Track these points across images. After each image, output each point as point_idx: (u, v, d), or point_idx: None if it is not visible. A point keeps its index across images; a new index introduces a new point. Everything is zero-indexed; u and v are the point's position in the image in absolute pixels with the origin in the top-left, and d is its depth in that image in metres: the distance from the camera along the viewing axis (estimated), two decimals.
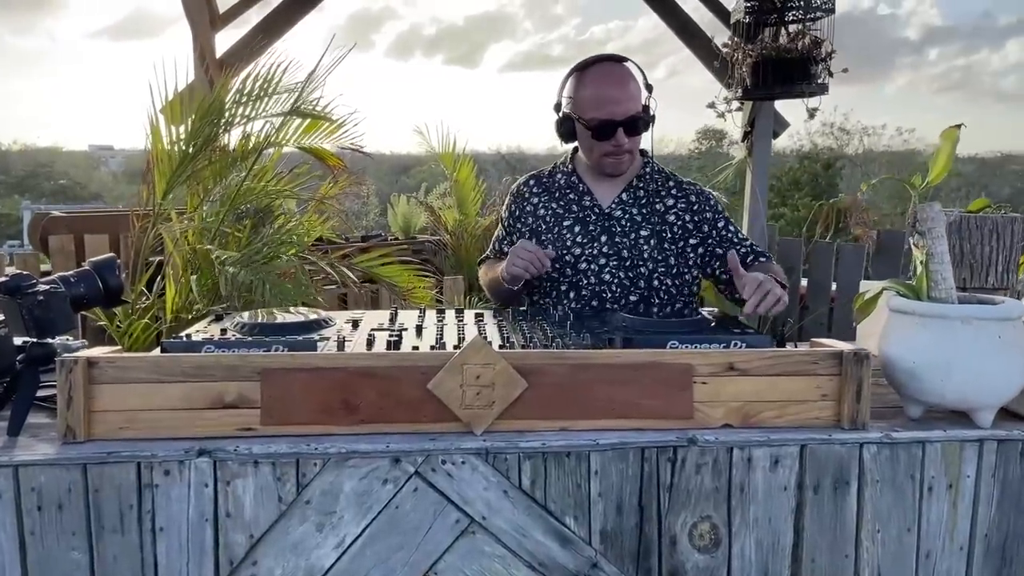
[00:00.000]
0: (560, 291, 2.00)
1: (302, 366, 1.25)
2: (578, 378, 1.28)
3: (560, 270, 1.99)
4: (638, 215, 2.01)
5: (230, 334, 1.52)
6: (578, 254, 1.98)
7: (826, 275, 3.56)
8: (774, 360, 1.31)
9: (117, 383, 1.24)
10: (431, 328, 1.60)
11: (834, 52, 3.13)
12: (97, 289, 1.36)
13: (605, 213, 2.02)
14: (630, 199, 2.03)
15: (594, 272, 1.98)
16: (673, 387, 1.30)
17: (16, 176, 44.72)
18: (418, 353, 1.30)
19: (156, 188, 2.44)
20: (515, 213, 2.10)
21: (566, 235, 2.00)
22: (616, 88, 1.91)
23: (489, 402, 1.26)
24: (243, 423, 1.25)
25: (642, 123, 1.93)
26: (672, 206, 2.03)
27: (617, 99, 1.90)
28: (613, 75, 1.93)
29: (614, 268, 1.97)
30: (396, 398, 1.26)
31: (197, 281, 2.40)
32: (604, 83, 1.92)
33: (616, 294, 1.97)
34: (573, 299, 1.99)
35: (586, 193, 2.04)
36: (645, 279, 1.97)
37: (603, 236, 1.99)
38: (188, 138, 2.43)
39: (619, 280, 1.97)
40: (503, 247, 2.12)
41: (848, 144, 27.87)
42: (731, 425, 1.31)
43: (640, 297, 1.99)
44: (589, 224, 2.01)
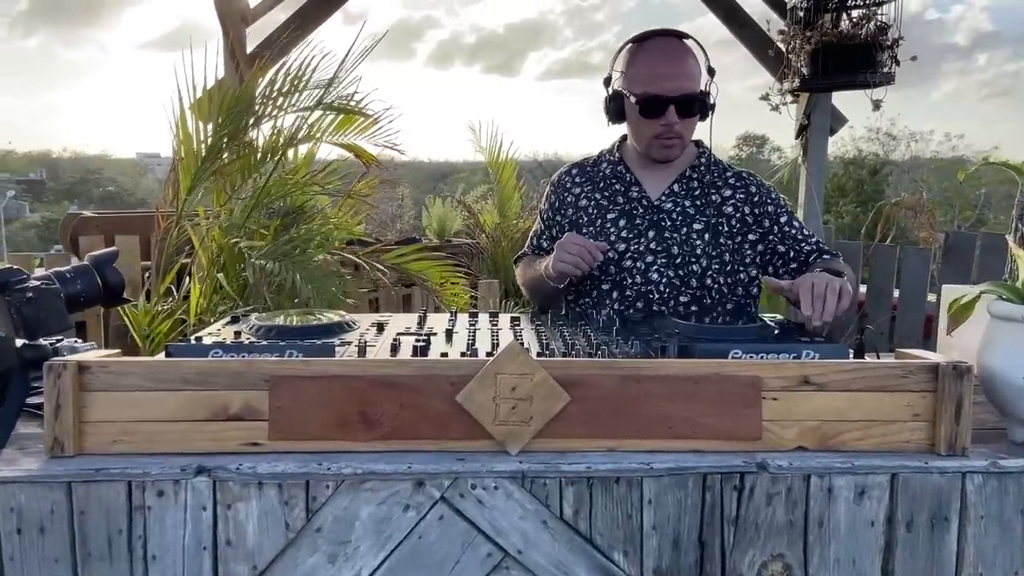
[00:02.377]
0: (601, 291, 1.82)
1: (315, 374, 1.11)
2: (628, 391, 1.12)
3: (602, 268, 1.80)
4: (691, 207, 1.82)
5: (244, 337, 1.39)
6: (623, 250, 1.80)
7: (888, 280, 3.32)
8: (857, 373, 1.13)
9: (111, 391, 1.11)
10: (462, 333, 1.46)
11: (902, 39, 2.90)
12: (95, 286, 1.24)
13: (654, 205, 1.84)
14: (682, 190, 1.85)
15: (640, 271, 1.80)
16: (738, 403, 1.12)
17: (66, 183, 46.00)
18: (446, 361, 1.15)
19: (180, 184, 2.33)
20: (555, 204, 1.93)
21: (610, 229, 1.83)
22: (671, 63, 1.73)
23: (526, 418, 1.10)
24: (248, 437, 1.11)
25: (697, 104, 1.74)
26: (729, 197, 1.84)
27: (671, 74, 1.72)
28: (670, 49, 1.76)
29: (663, 266, 1.79)
30: (420, 411, 1.11)
31: (224, 279, 2.29)
32: (659, 57, 1.74)
33: (664, 295, 1.79)
34: (616, 300, 1.81)
35: (634, 184, 1.86)
36: (697, 278, 1.79)
37: (651, 231, 1.81)
38: (215, 133, 2.32)
39: (668, 279, 1.79)
40: (542, 242, 1.96)
41: (895, 150, 27.14)
42: (805, 448, 1.13)
43: (691, 298, 1.80)
44: (636, 217, 1.83)
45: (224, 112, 2.32)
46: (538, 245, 1.97)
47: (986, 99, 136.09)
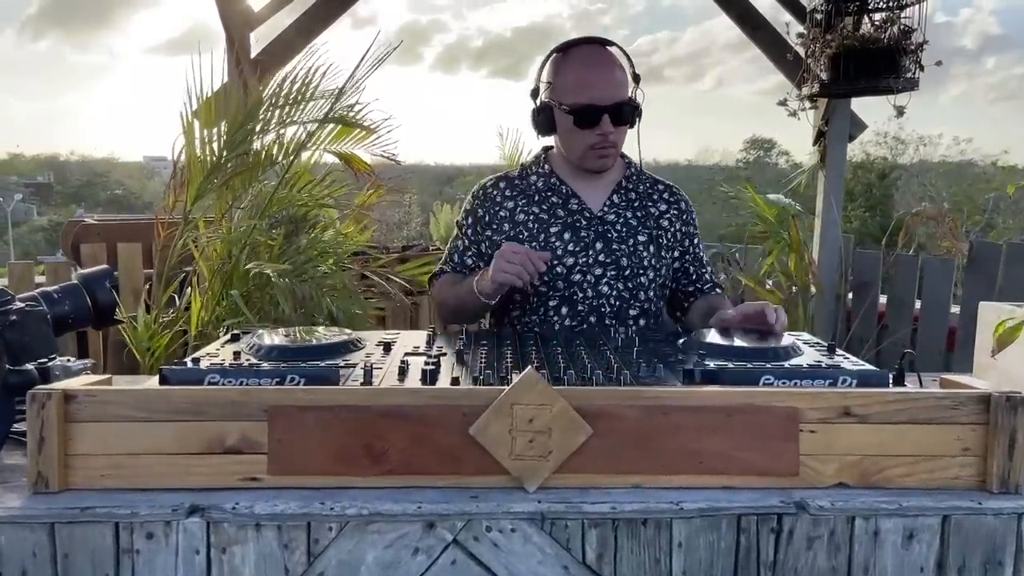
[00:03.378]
0: (549, 307, 1.76)
1: (318, 403, 1.03)
2: (655, 423, 1.04)
3: (550, 283, 1.75)
4: (632, 219, 1.80)
5: (243, 358, 1.31)
6: (571, 264, 1.74)
7: (909, 292, 3.23)
8: (902, 404, 1.04)
9: (98, 421, 1.03)
10: (474, 353, 1.38)
11: (926, 42, 2.81)
12: (84, 307, 1.16)
13: (597, 217, 1.79)
14: (622, 202, 1.81)
15: (590, 284, 1.75)
16: (774, 436, 1.04)
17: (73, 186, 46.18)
18: (458, 389, 1.07)
19: (188, 194, 2.26)
20: (483, 218, 1.82)
21: (555, 243, 1.76)
22: (601, 72, 1.69)
23: (545, 452, 1.02)
24: (246, 471, 1.03)
25: (629, 112, 1.70)
26: (666, 211, 1.84)
27: (602, 83, 1.68)
28: (598, 58, 1.71)
29: (612, 279, 1.75)
30: (431, 445, 1.03)
31: (224, 296, 2.22)
32: (588, 66, 1.70)
33: (615, 308, 1.76)
34: (567, 316, 1.75)
35: (572, 196, 1.80)
36: (645, 290, 1.78)
37: (598, 243, 1.76)
38: (225, 142, 2.25)
39: (618, 292, 1.76)
40: (465, 259, 1.85)
41: (903, 154, 26.96)
42: (846, 484, 1.04)
43: (640, 311, 1.78)
44: (580, 230, 1.77)
45: (228, 120, 2.24)
46: (461, 262, 1.86)
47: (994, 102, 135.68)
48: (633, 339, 1.48)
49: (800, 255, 3.21)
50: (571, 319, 1.75)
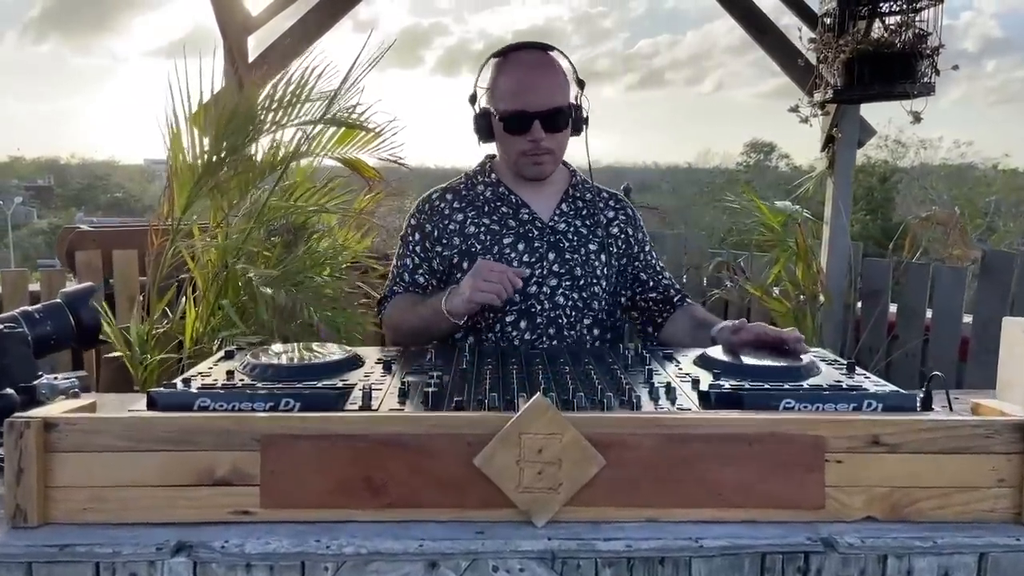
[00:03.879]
0: (506, 323, 1.70)
1: (313, 432, 0.97)
2: (672, 453, 0.97)
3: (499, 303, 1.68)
4: (583, 227, 1.76)
5: (237, 378, 1.25)
6: (526, 276, 1.68)
7: (920, 301, 3.17)
8: (934, 432, 0.98)
9: (80, 451, 0.97)
10: (479, 372, 1.32)
11: (942, 46, 2.75)
12: (67, 327, 1.10)
13: (548, 226, 1.74)
14: (571, 210, 1.78)
15: (546, 295, 1.70)
16: (799, 467, 0.98)
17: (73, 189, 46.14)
18: (462, 416, 1.01)
19: (177, 201, 2.20)
20: (432, 233, 1.75)
21: (509, 254, 1.71)
22: (535, 77, 1.65)
23: (554, 484, 0.96)
24: (237, 504, 0.97)
25: (563, 118, 1.65)
26: (614, 219, 1.81)
27: (535, 88, 1.63)
28: (534, 63, 1.67)
29: (567, 289, 1.71)
30: (434, 476, 0.97)
31: (218, 307, 2.15)
32: (522, 71, 1.66)
33: (571, 319, 1.71)
34: (525, 330, 1.70)
35: (522, 205, 1.75)
36: (598, 300, 1.74)
37: (551, 253, 1.72)
38: (212, 146, 2.19)
39: (573, 302, 1.71)
40: (417, 277, 1.78)
41: (903, 157, 26.90)
42: (875, 518, 0.98)
43: (593, 320, 1.74)
44: (533, 240, 1.72)
45: (222, 124, 2.18)
46: (412, 281, 1.78)
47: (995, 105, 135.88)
48: (643, 356, 1.42)
49: (808, 263, 3.14)
50: (530, 332, 1.70)
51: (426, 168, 24.66)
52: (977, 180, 24.90)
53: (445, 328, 1.64)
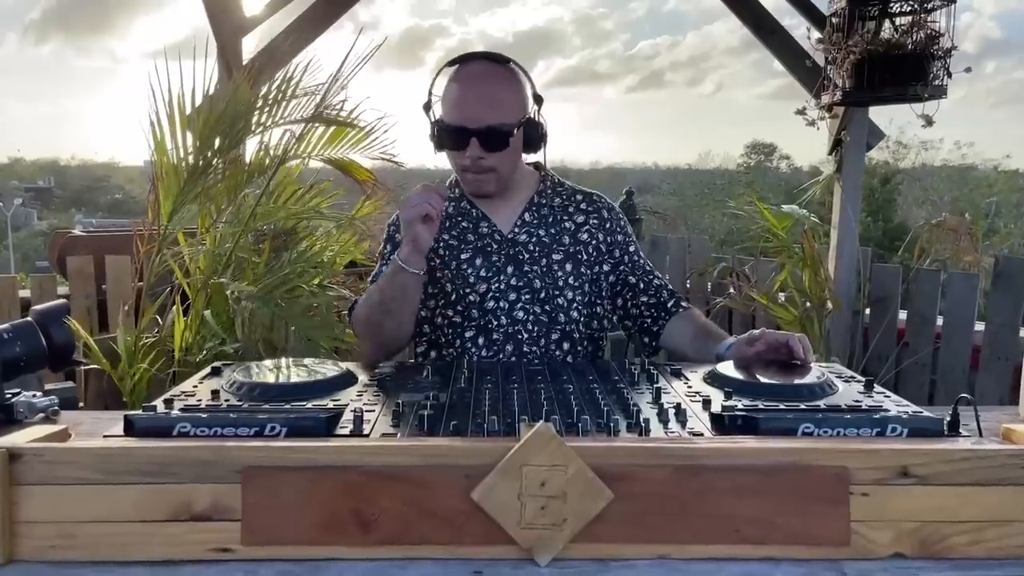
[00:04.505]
0: (464, 339, 1.65)
1: (299, 463, 0.90)
2: (685, 485, 0.91)
3: (463, 313, 1.65)
4: (546, 236, 1.70)
5: (222, 398, 1.19)
6: (483, 291, 1.65)
7: (931, 308, 3.10)
8: (967, 463, 0.91)
9: (48, 484, 0.90)
10: (478, 392, 1.25)
11: (955, 47, 2.68)
12: (39, 348, 1.04)
13: (508, 239, 1.69)
14: (534, 219, 1.71)
15: (504, 310, 1.65)
16: (821, 500, 0.91)
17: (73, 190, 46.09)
18: (459, 446, 0.94)
19: (163, 206, 2.13)
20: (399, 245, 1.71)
21: (467, 271, 1.66)
22: (477, 90, 1.58)
23: (559, 520, 0.89)
24: (217, 541, 0.90)
25: (503, 137, 1.57)
26: (583, 223, 1.73)
27: (474, 104, 1.56)
28: (483, 77, 1.60)
29: (527, 302, 1.65)
30: (428, 510, 0.90)
31: (213, 317, 2.08)
32: (467, 85, 1.58)
33: (533, 334, 1.65)
34: (483, 346, 1.65)
35: (482, 219, 1.71)
36: (564, 312, 1.67)
37: (509, 266, 1.67)
38: (198, 148, 2.12)
39: (535, 316, 1.66)
40: None
41: (904, 158, 26.84)
42: (903, 555, 0.91)
43: (561, 335, 1.67)
44: (492, 254, 1.68)
45: (209, 125, 2.11)
46: None
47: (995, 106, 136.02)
48: (650, 373, 1.36)
49: (815, 270, 3.07)
50: (487, 348, 1.65)
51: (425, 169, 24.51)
52: (978, 181, 24.85)
53: (407, 292, 1.57)
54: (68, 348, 1.08)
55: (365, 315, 1.66)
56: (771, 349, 1.42)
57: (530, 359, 1.65)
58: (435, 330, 1.68)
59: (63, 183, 50.43)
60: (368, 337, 1.67)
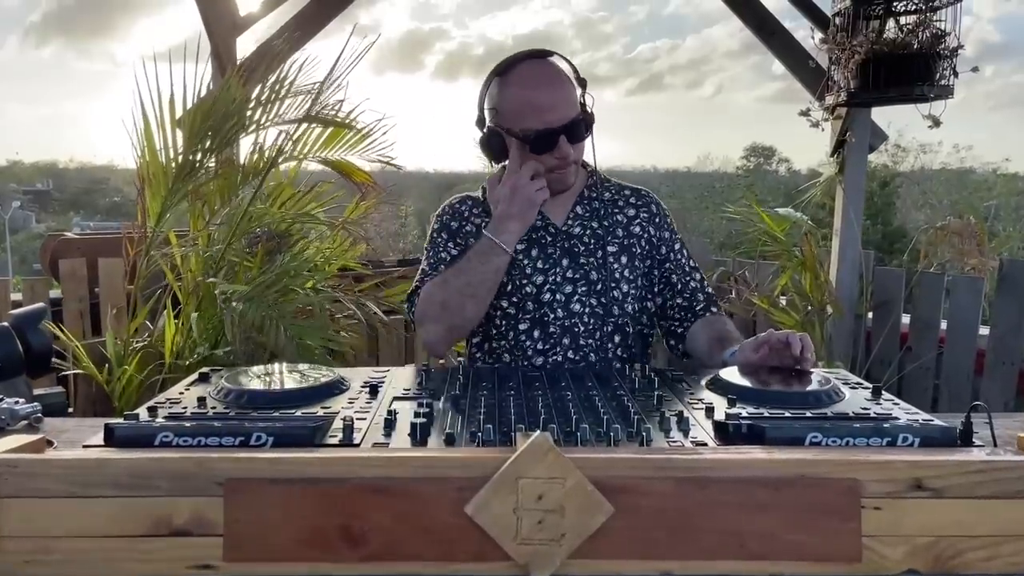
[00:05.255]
0: (519, 331, 1.64)
1: (283, 475, 0.86)
2: (689, 498, 0.86)
3: (518, 304, 1.64)
4: (600, 229, 1.68)
5: (209, 405, 1.15)
6: (540, 283, 1.63)
7: (934, 312, 3.05)
8: (984, 475, 0.87)
9: (22, 497, 0.86)
10: (472, 398, 1.21)
11: (961, 47, 2.64)
12: (15, 353, 1.00)
13: (562, 231, 1.67)
14: (586, 212, 1.70)
15: (560, 303, 1.63)
16: (831, 514, 0.87)
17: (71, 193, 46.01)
18: (451, 457, 0.90)
19: (151, 207, 2.09)
20: (457, 230, 1.71)
21: (523, 262, 1.64)
22: (549, 91, 1.57)
23: (557, 535, 0.85)
24: (198, 557, 0.86)
25: (584, 126, 1.59)
26: (634, 216, 1.72)
27: (552, 104, 1.56)
28: (542, 75, 1.59)
29: (583, 295, 1.64)
30: (419, 525, 0.86)
31: (198, 320, 2.04)
32: (533, 87, 1.58)
33: (589, 326, 1.64)
34: (539, 339, 1.63)
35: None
36: (619, 304, 1.65)
37: (565, 259, 1.65)
38: (186, 148, 2.07)
39: (591, 309, 1.64)
40: None
41: (903, 161, 26.84)
42: (917, 571, 0.87)
43: (615, 327, 1.66)
44: (547, 246, 1.66)
45: (197, 124, 2.07)
46: None
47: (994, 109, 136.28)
48: (652, 380, 1.32)
49: (815, 273, 3.03)
50: (543, 342, 1.64)
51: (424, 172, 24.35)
52: (977, 185, 24.84)
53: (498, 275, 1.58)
54: (46, 353, 1.04)
55: (443, 297, 1.61)
56: (774, 352, 1.38)
57: (585, 353, 1.63)
58: (486, 320, 1.66)
59: (62, 186, 50.36)
60: (442, 321, 1.63)
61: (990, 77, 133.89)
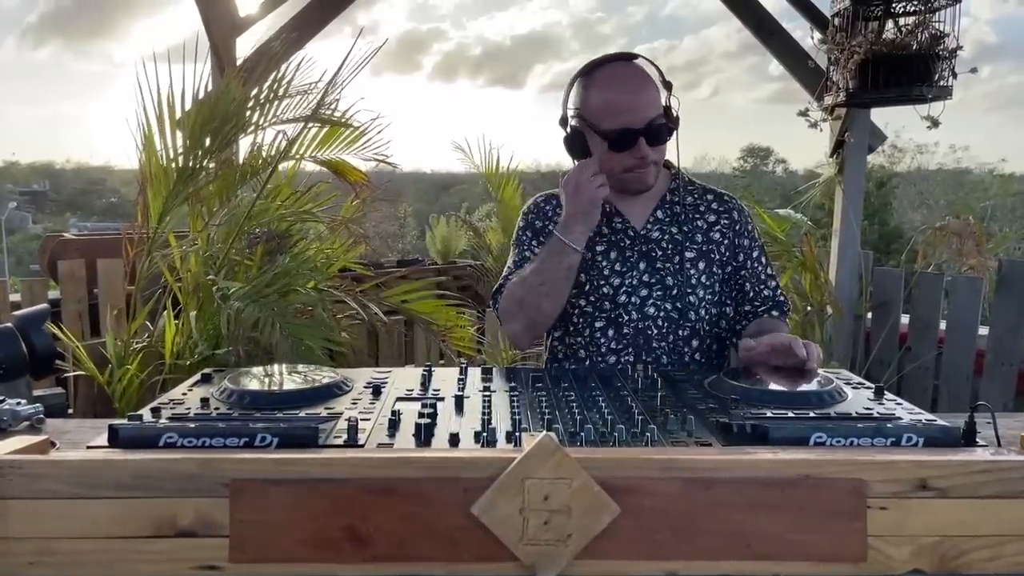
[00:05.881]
0: (594, 328, 1.66)
1: (289, 476, 0.86)
2: (695, 499, 0.86)
3: (595, 303, 1.66)
4: (679, 234, 1.68)
5: (212, 406, 1.15)
6: (617, 284, 1.65)
7: (934, 312, 3.06)
8: (989, 475, 0.88)
9: (26, 498, 0.86)
10: (475, 398, 1.21)
11: (961, 47, 2.64)
12: (19, 354, 0.99)
13: (641, 235, 1.68)
14: (666, 217, 1.70)
15: (635, 305, 1.65)
16: (837, 514, 0.87)
17: (68, 194, 45.91)
18: (457, 458, 0.90)
19: (153, 208, 2.08)
20: (541, 230, 1.72)
21: (601, 263, 1.66)
22: (630, 92, 1.59)
23: (563, 535, 0.85)
24: (203, 559, 0.86)
25: (665, 129, 1.60)
26: (715, 223, 1.71)
27: (633, 105, 1.58)
28: (625, 77, 1.61)
29: (658, 299, 1.65)
30: (425, 525, 0.86)
31: (198, 321, 2.03)
32: (616, 88, 1.60)
33: (663, 330, 1.65)
34: (613, 339, 1.65)
35: (615, 214, 1.70)
36: (695, 310, 1.65)
37: (642, 262, 1.66)
38: (187, 149, 2.07)
39: (665, 313, 1.65)
40: None
41: (899, 162, 26.86)
42: (922, 571, 0.87)
43: (691, 331, 1.66)
44: (625, 249, 1.67)
45: (199, 125, 2.06)
46: None
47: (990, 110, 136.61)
48: (654, 380, 1.32)
49: (815, 274, 3.03)
50: (617, 342, 1.65)
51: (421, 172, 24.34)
52: (973, 185, 24.87)
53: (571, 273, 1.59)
54: (50, 354, 1.04)
55: (522, 295, 1.64)
56: (774, 351, 1.39)
57: (658, 355, 1.64)
58: (565, 317, 1.68)
59: (58, 187, 50.24)
60: (521, 318, 1.66)
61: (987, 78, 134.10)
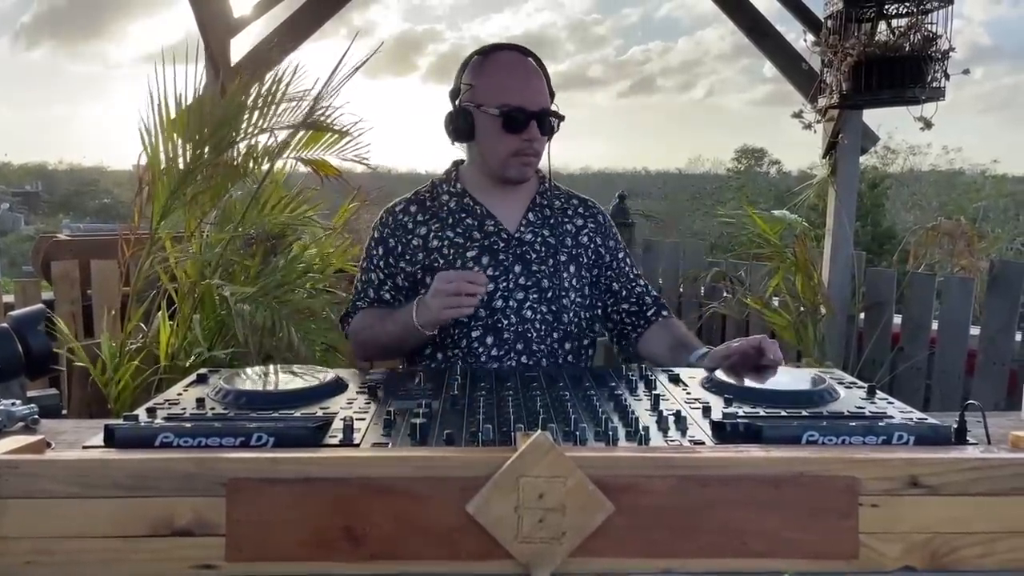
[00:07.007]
0: (472, 338, 1.63)
1: (285, 475, 0.86)
2: (689, 497, 0.87)
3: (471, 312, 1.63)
4: (551, 237, 1.70)
5: (208, 405, 1.15)
6: (492, 290, 1.63)
7: (925, 312, 3.08)
8: (980, 472, 0.89)
9: (23, 498, 0.86)
10: (471, 398, 1.22)
11: (953, 49, 2.67)
12: (15, 355, 1.00)
13: (515, 238, 1.68)
14: (538, 219, 1.71)
15: (513, 309, 1.64)
16: (829, 512, 0.88)
17: (61, 195, 45.70)
18: (452, 457, 0.90)
19: (154, 210, 2.09)
20: (395, 249, 1.69)
21: (473, 268, 1.65)
22: (528, 78, 1.64)
23: (557, 533, 0.85)
24: (200, 558, 0.86)
25: (554, 121, 1.64)
26: (583, 227, 1.75)
27: (530, 89, 1.62)
28: (524, 64, 1.65)
29: (535, 302, 1.65)
30: (420, 524, 0.86)
31: (201, 322, 2.04)
32: (515, 71, 1.64)
33: (541, 332, 1.65)
34: (492, 345, 1.63)
35: (487, 216, 1.69)
36: (568, 312, 1.67)
37: (517, 265, 1.66)
38: (187, 151, 2.07)
39: (542, 316, 1.65)
40: (382, 294, 1.71)
41: (892, 163, 26.94)
42: (913, 568, 0.88)
43: (564, 334, 1.67)
44: (498, 252, 1.67)
45: (198, 129, 2.07)
46: (377, 297, 1.72)
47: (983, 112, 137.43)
48: (649, 379, 1.33)
49: (808, 275, 3.05)
50: (497, 348, 1.64)
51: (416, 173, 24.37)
52: (966, 186, 24.97)
53: (415, 343, 1.61)
54: (46, 355, 1.04)
55: (364, 341, 1.70)
56: (743, 357, 1.40)
57: (538, 359, 1.65)
58: (441, 331, 1.64)
59: (51, 188, 49.99)
60: (371, 356, 1.74)
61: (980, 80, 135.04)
